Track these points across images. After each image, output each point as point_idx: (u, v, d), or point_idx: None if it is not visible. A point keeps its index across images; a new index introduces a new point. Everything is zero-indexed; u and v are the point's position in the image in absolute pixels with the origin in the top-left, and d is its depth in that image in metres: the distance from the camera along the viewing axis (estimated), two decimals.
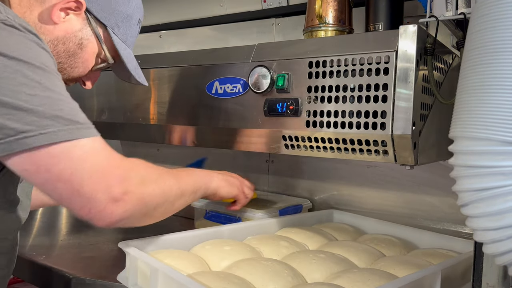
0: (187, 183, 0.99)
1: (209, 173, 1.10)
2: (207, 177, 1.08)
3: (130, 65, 1.06)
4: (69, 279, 1.03)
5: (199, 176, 1.06)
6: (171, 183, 0.93)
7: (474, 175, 0.55)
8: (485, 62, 0.54)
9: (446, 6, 0.94)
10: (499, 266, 0.66)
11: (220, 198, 1.13)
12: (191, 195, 1.01)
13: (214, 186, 1.09)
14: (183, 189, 0.96)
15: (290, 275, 0.92)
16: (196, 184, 1.03)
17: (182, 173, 1.01)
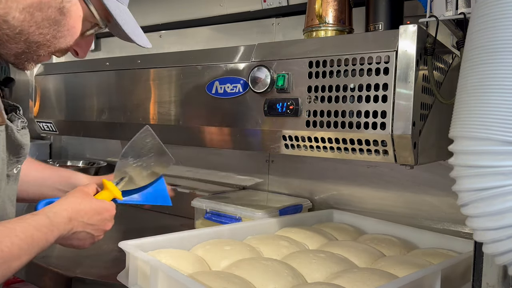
0: (23, 263, 0.83)
1: (61, 234, 0.89)
2: (52, 242, 0.88)
3: (127, 26, 0.92)
4: (69, 279, 1.03)
5: (48, 243, 0.87)
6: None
7: (474, 175, 0.55)
8: (485, 62, 0.54)
9: (446, 6, 0.94)
10: (499, 266, 0.66)
11: None
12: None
13: (62, 244, 0.94)
14: (15, 270, 0.82)
15: (290, 275, 0.92)
16: (36, 255, 0.85)
17: (14, 239, 0.80)
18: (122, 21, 0.90)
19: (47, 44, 0.85)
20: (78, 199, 0.95)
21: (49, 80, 1.80)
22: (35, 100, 1.85)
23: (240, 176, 1.80)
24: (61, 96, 1.75)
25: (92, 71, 1.63)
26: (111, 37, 2.33)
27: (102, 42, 2.38)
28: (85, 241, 0.97)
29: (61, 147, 2.57)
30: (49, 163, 2.17)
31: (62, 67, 1.83)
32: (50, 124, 1.80)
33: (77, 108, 1.68)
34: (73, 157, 2.47)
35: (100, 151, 2.38)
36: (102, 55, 2.37)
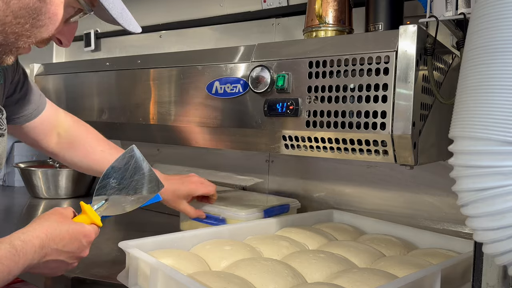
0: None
1: (31, 263, 0.83)
2: (27, 268, 0.82)
3: (114, 10, 0.84)
4: (69, 279, 1.03)
5: (13, 274, 0.79)
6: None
7: (474, 175, 0.55)
8: (485, 62, 0.54)
9: (446, 6, 0.94)
10: (499, 266, 0.66)
11: None
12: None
13: (32, 272, 0.87)
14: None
15: (290, 275, 0.92)
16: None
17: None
18: (108, 3, 0.81)
19: (27, 35, 0.78)
20: (53, 224, 0.88)
21: (49, 80, 1.80)
22: None
23: (240, 176, 1.80)
24: (61, 96, 1.75)
25: (92, 71, 1.63)
26: (111, 37, 2.33)
27: (102, 42, 2.38)
28: (57, 269, 0.90)
29: None
30: (49, 163, 2.18)
31: (62, 67, 1.83)
32: None
33: (77, 108, 1.68)
34: None
35: None
36: (102, 55, 2.37)
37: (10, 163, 2.25)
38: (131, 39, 2.24)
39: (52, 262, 0.87)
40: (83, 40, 2.38)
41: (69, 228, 0.89)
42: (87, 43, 2.36)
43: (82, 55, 2.45)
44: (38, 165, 2.08)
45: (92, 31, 2.34)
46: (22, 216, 1.73)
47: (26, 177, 1.98)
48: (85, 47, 2.37)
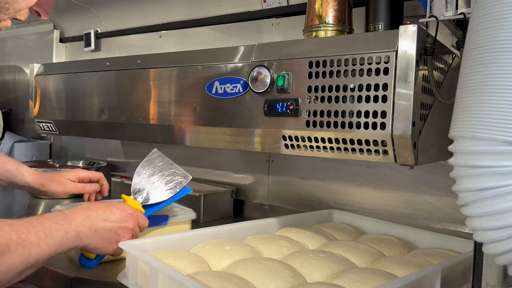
0: (44, 254, 0.81)
1: (81, 231, 0.89)
2: (76, 238, 0.89)
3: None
4: (69, 279, 1.03)
5: (67, 239, 0.86)
6: (15, 260, 0.76)
7: (474, 175, 0.55)
8: (485, 62, 0.54)
9: (446, 6, 0.94)
10: (499, 266, 0.66)
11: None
12: (43, 264, 0.83)
13: (80, 246, 0.92)
14: (33, 266, 0.80)
15: (290, 275, 0.92)
16: (55, 253, 0.84)
17: (44, 239, 0.82)
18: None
19: (6, 7, 0.84)
20: (92, 203, 0.99)
21: (49, 80, 1.80)
22: (35, 100, 1.85)
23: (239, 176, 1.81)
24: (61, 96, 1.75)
25: (92, 71, 1.63)
26: (111, 37, 2.33)
27: (102, 42, 2.38)
28: (110, 240, 0.96)
29: (61, 147, 2.57)
30: (49, 163, 2.18)
31: (62, 67, 1.83)
32: (50, 124, 1.81)
33: (77, 108, 1.68)
34: (73, 157, 2.47)
35: (100, 151, 2.38)
36: (102, 55, 2.37)
37: None
38: (131, 39, 2.24)
39: (101, 231, 0.93)
40: (83, 40, 2.38)
41: (107, 203, 0.99)
42: (87, 43, 2.36)
43: (82, 55, 2.45)
44: (38, 165, 2.08)
45: (92, 31, 2.34)
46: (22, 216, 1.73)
47: None
48: (85, 47, 2.38)
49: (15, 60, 2.77)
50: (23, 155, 2.32)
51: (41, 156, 2.41)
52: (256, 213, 1.74)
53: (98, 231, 0.93)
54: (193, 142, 1.33)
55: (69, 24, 2.50)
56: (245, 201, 1.78)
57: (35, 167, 2.00)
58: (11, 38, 2.80)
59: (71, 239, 0.88)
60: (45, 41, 2.58)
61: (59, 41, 2.56)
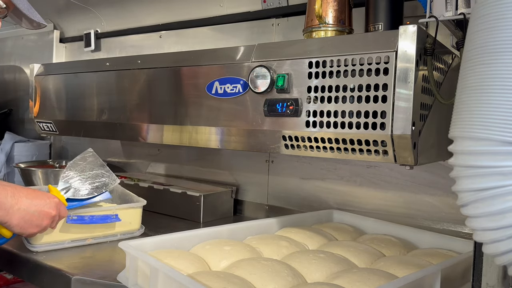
0: None
1: (2, 203, 0.93)
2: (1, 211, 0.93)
3: (21, 6, 1.11)
4: (69, 279, 1.03)
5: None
6: None
7: (473, 175, 0.55)
8: (485, 62, 0.54)
9: (446, 6, 0.94)
10: (499, 266, 0.66)
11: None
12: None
13: (4, 220, 0.95)
14: None
15: (290, 275, 0.92)
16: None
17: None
18: (17, 2, 1.09)
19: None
20: (21, 186, 1.02)
21: (49, 80, 1.80)
22: (35, 100, 1.85)
23: (239, 176, 1.81)
24: (61, 96, 1.75)
25: (92, 71, 1.63)
26: (111, 37, 2.33)
27: (102, 42, 2.38)
28: (31, 223, 0.99)
29: (61, 147, 2.57)
30: (49, 163, 2.18)
31: (62, 67, 1.83)
32: (50, 124, 1.81)
33: (77, 108, 1.68)
34: (73, 157, 2.45)
35: (100, 151, 2.36)
36: (102, 55, 2.37)
37: (10, 163, 2.25)
38: (131, 39, 2.24)
39: (24, 211, 0.97)
40: (83, 40, 2.38)
41: (35, 189, 1.04)
42: (87, 43, 2.36)
43: (82, 55, 2.45)
44: (38, 165, 2.08)
45: (92, 31, 2.34)
46: None
47: (26, 177, 1.98)
48: (85, 47, 2.38)
49: (15, 60, 2.77)
50: (23, 155, 2.32)
51: (41, 156, 2.41)
52: (256, 213, 1.74)
53: (20, 210, 0.96)
54: (193, 142, 1.33)
55: (69, 24, 2.50)
56: (245, 201, 1.78)
57: (35, 167, 2.00)
58: (11, 38, 2.80)
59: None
60: (45, 41, 2.58)
61: (59, 41, 2.56)
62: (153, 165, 2.12)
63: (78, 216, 1.21)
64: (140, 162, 2.17)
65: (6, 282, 1.47)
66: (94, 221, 1.23)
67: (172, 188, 1.70)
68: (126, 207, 1.33)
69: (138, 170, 2.17)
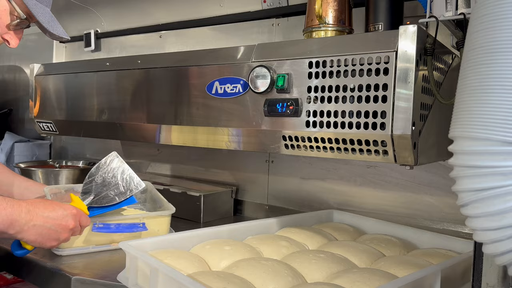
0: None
1: (16, 220, 0.93)
2: (8, 224, 0.93)
3: (42, 18, 1.11)
4: (69, 279, 1.03)
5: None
6: None
7: (473, 175, 0.55)
8: (485, 62, 0.54)
9: (446, 6, 0.94)
10: (498, 266, 0.66)
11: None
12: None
13: (15, 236, 0.96)
14: None
15: (290, 275, 0.92)
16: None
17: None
18: (37, 13, 1.10)
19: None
20: (39, 200, 1.02)
21: (49, 80, 1.80)
22: (35, 100, 1.85)
23: (239, 176, 1.81)
24: (61, 96, 1.75)
25: (92, 71, 1.63)
26: (111, 37, 2.33)
27: (102, 42, 2.38)
28: (48, 237, 0.99)
29: (61, 147, 2.57)
30: (49, 163, 2.17)
31: (62, 67, 1.83)
32: (50, 124, 1.81)
33: (77, 108, 1.68)
34: (73, 157, 2.47)
35: (100, 151, 2.38)
36: (102, 55, 2.37)
37: (10, 163, 2.25)
38: (131, 39, 2.24)
39: (40, 227, 0.97)
40: (83, 40, 2.38)
41: (53, 202, 1.02)
42: (87, 43, 2.36)
43: (82, 55, 2.45)
44: (38, 165, 2.09)
45: (92, 31, 2.34)
46: None
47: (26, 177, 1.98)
48: (85, 47, 2.37)
49: (15, 60, 2.77)
50: (23, 155, 2.32)
51: (41, 156, 2.41)
52: (256, 213, 1.74)
53: (36, 226, 0.96)
54: (193, 142, 1.33)
55: (69, 24, 2.50)
56: (245, 201, 1.78)
57: (35, 167, 2.00)
58: None
59: (1, 222, 0.91)
60: (45, 41, 2.58)
61: (59, 41, 2.56)
62: (153, 165, 2.12)
63: (104, 224, 1.18)
64: (140, 162, 2.17)
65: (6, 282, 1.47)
66: (120, 229, 1.20)
67: (172, 188, 1.70)
68: (154, 215, 1.27)
69: (138, 170, 2.17)
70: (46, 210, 0.98)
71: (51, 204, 1.01)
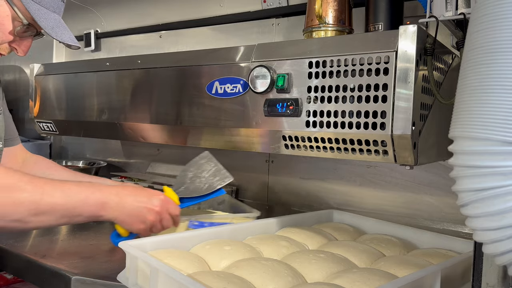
0: (58, 206, 0.93)
1: (107, 202, 0.99)
2: (100, 206, 0.98)
3: (44, 24, 1.07)
4: (69, 279, 1.03)
5: (87, 202, 0.96)
6: (24, 199, 0.89)
7: (473, 175, 0.55)
8: (485, 62, 0.54)
9: (446, 6, 0.94)
10: (498, 266, 0.66)
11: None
12: (60, 219, 0.95)
13: (108, 217, 1.00)
14: (45, 212, 0.91)
15: (290, 275, 0.92)
16: (74, 211, 0.95)
17: (61, 193, 0.93)
18: (39, 18, 1.05)
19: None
20: (126, 184, 1.09)
21: (49, 80, 1.80)
22: (35, 100, 1.85)
23: (239, 176, 1.80)
24: (61, 96, 1.75)
25: (92, 71, 1.63)
26: (111, 37, 2.33)
27: (102, 42, 2.38)
28: (136, 218, 1.03)
29: (61, 147, 2.57)
30: None
31: (62, 67, 1.84)
32: (50, 124, 1.81)
33: (77, 108, 1.68)
34: (73, 157, 2.47)
35: (100, 151, 2.38)
36: (102, 55, 2.37)
37: None
38: (131, 39, 2.24)
39: (128, 208, 1.02)
40: (83, 40, 2.38)
41: (140, 187, 1.09)
42: (87, 43, 2.36)
43: (82, 55, 2.45)
44: None
45: (92, 31, 2.34)
46: None
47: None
48: (85, 47, 2.38)
49: (15, 60, 2.77)
50: None
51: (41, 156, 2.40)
52: None
53: (126, 207, 1.01)
54: (193, 142, 1.33)
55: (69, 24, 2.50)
56: (245, 201, 1.78)
57: None
58: None
59: (93, 205, 0.97)
60: (45, 41, 2.57)
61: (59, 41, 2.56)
62: (153, 165, 2.12)
63: (199, 222, 1.25)
64: (140, 162, 2.17)
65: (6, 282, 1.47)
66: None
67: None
68: (242, 216, 1.35)
69: (138, 170, 2.17)
70: (133, 193, 1.04)
71: (137, 188, 1.07)
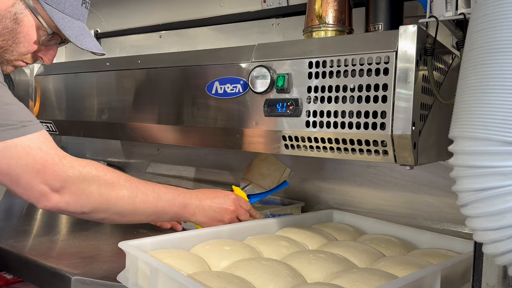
0: (150, 204, 1.06)
1: (189, 204, 1.13)
2: (183, 208, 1.12)
3: (69, 32, 1.08)
4: (69, 279, 1.03)
5: (173, 203, 1.10)
6: (123, 194, 1.01)
7: (474, 175, 0.55)
8: (485, 62, 0.54)
9: (446, 6, 0.94)
10: (499, 266, 0.66)
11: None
12: (150, 216, 1.09)
13: (189, 218, 1.15)
14: (139, 208, 1.04)
15: (290, 275, 0.92)
16: (162, 210, 1.09)
17: (152, 193, 1.06)
18: (63, 27, 1.06)
19: (10, 49, 1.07)
20: (201, 189, 1.20)
21: (49, 80, 1.80)
22: (35, 100, 1.85)
23: (240, 176, 1.80)
24: (61, 96, 1.75)
25: (92, 71, 1.63)
26: (111, 37, 2.33)
27: (102, 42, 2.38)
28: (213, 219, 1.16)
29: (61, 147, 2.56)
30: None
31: (62, 67, 1.83)
32: (50, 124, 1.81)
33: (77, 108, 1.68)
34: None
35: (100, 151, 2.38)
36: None
37: None
38: (131, 39, 2.25)
39: (207, 210, 1.15)
40: None
41: (216, 190, 1.21)
42: None
43: (82, 55, 2.45)
44: None
45: (92, 31, 2.34)
46: (22, 216, 1.73)
47: None
48: None
49: None
50: None
51: None
52: None
53: (205, 209, 1.14)
54: (193, 142, 1.33)
55: None
56: None
57: None
58: None
59: (177, 205, 1.10)
60: None
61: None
62: (153, 165, 2.12)
63: (273, 215, 1.42)
64: (140, 162, 2.17)
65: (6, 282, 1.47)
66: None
67: None
68: (296, 206, 1.55)
69: (138, 170, 2.17)
70: (210, 196, 1.16)
71: (214, 191, 1.19)
